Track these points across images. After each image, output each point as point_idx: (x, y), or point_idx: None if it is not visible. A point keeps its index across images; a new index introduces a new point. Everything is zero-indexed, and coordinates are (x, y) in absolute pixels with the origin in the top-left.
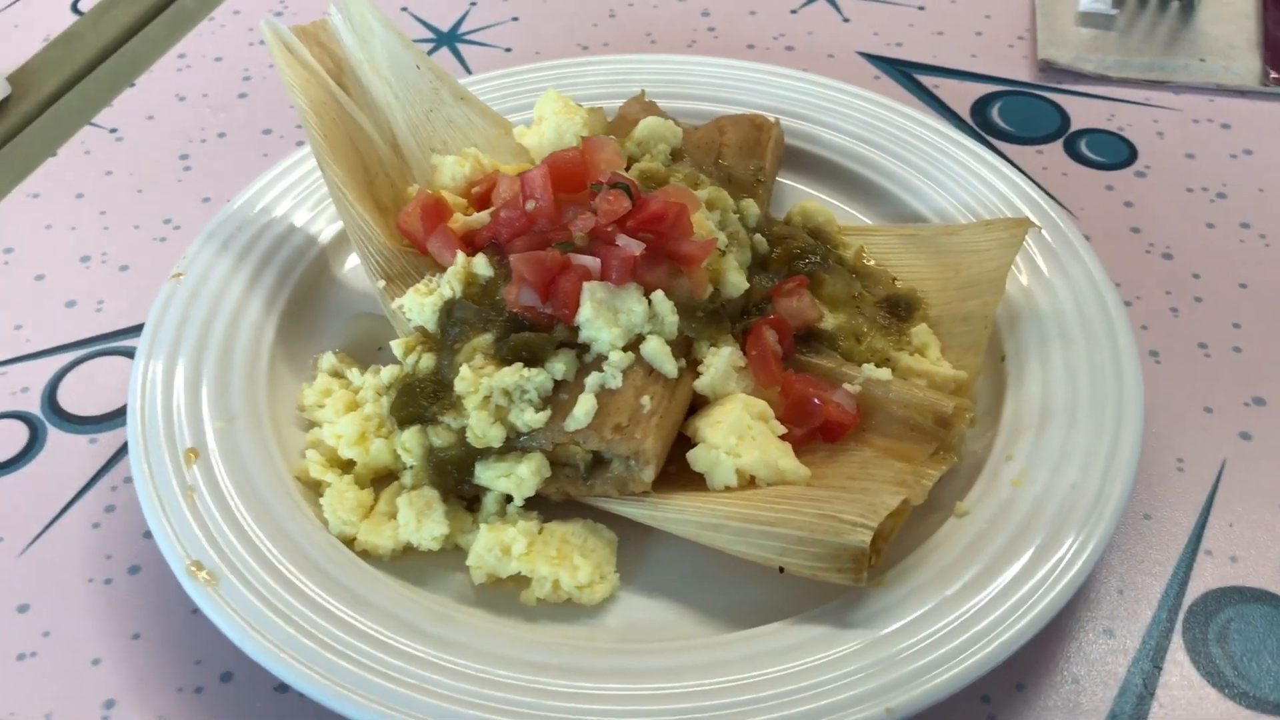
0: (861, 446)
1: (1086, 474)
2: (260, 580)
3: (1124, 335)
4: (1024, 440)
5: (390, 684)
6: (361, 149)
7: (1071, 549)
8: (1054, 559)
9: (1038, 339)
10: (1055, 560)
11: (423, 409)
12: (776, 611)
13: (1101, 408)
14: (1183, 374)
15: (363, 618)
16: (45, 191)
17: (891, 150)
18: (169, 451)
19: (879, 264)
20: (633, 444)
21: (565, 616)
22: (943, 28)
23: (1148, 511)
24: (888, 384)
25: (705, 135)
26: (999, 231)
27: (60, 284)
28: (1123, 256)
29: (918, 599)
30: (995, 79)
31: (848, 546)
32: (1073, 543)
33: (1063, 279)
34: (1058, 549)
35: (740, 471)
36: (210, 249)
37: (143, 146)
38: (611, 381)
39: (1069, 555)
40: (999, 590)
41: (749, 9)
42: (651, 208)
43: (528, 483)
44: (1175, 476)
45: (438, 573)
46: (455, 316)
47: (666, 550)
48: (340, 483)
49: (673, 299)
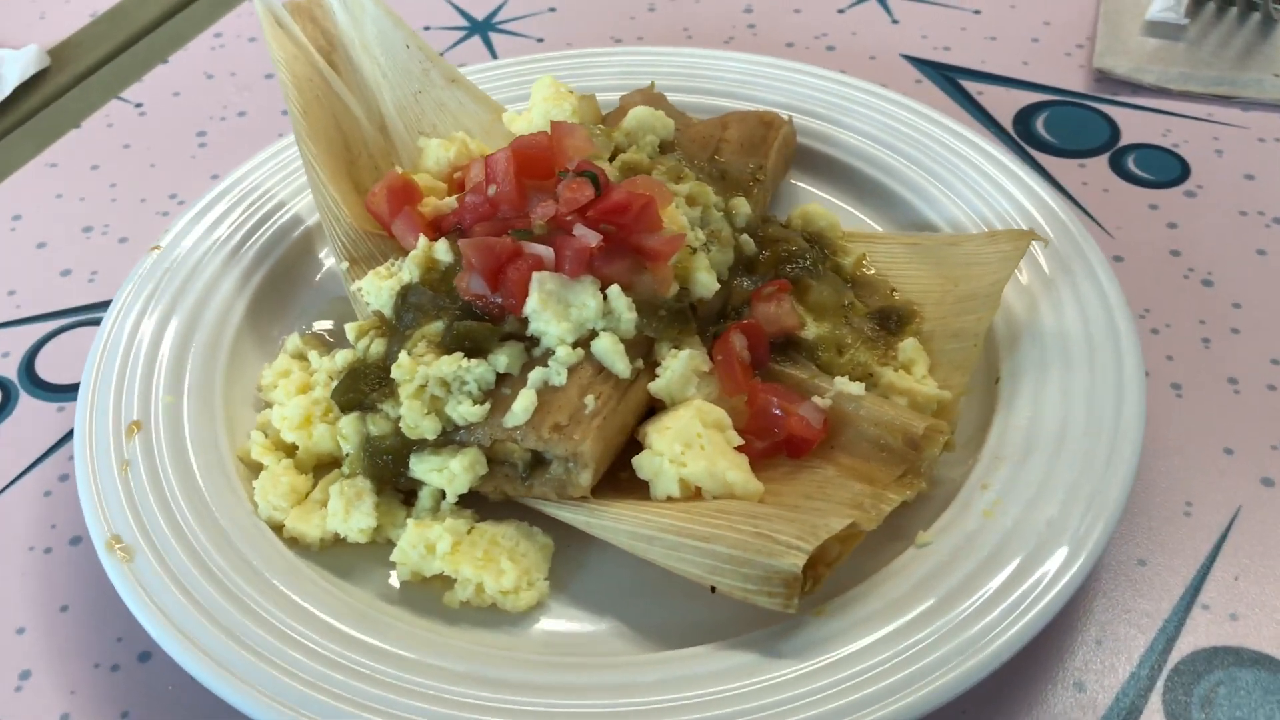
0: (826, 465)
1: (1066, 510)
2: (176, 560)
3: (1131, 363)
4: (1003, 469)
5: (289, 680)
6: (345, 128)
7: (1038, 589)
8: (1013, 597)
9: (1037, 361)
10: (1015, 599)
11: (364, 395)
12: (707, 634)
13: (1094, 440)
14: (1206, 410)
15: (274, 609)
16: (63, 162)
17: (910, 155)
18: (114, 422)
19: (879, 273)
20: (570, 445)
21: (487, 622)
22: (997, 33)
23: (1143, 557)
24: (860, 399)
25: (705, 130)
26: (1003, 244)
27: (59, 253)
28: (1157, 280)
29: (858, 632)
30: (1044, 88)
31: (779, 569)
32: (1040, 582)
33: (1073, 299)
34: (1019, 586)
35: (685, 482)
36: (195, 224)
37: (164, 122)
38: (555, 378)
39: (1033, 596)
40: (949, 628)
41: (794, 7)
42: (614, 198)
43: (460, 479)
44: (1180, 521)
45: (365, 567)
46: (410, 302)
47: (605, 561)
48: (277, 467)
49: (633, 296)
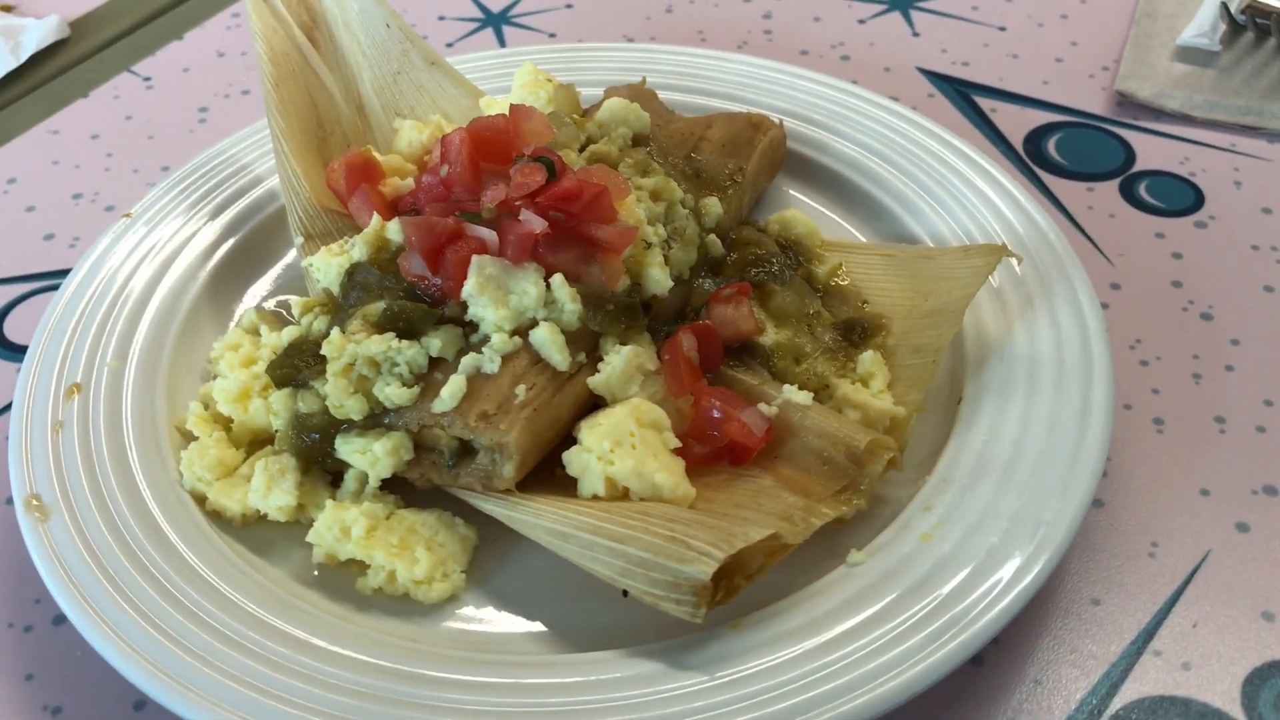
0: (765, 474)
1: (1009, 539)
2: (92, 525)
3: (1100, 391)
4: (950, 492)
5: (188, 657)
6: (319, 105)
7: (965, 619)
8: (936, 625)
9: (1002, 383)
10: (939, 627)
11: (298, 371)
12: (621, 640)
13: (1047, 467)
14: (1186, 448)
15: (182, 582)
16: (65, 129)
17: (902, 167)
18: (56, 384)
19: (854, 284)
20: (496, 435)
21: (398, 612)
22: (1020, 51)
23: (1098, 596)
24: (807, 410)
25: (686, 127)
26: (976, 259)
27: (46, 217)
28: (1154, 311)
29: (769, 649)
30: (1061, 108)
31: (689, 576)
32: (968, 613)
33: (1050, 322)
34: (945, 614)
35: (611, 481)
36: (170, 193)
37: (169, 97)
38: (488, 365)
39: (959, 626)
40: (865, 652)
41: (814, 15)
42: (564, 184)
43: (383, 462)
44: (1142, 561)
45: (285, 546)
46: (356, 280)
47: (529, 559)
48: (209, 439)
49: (579, 287)
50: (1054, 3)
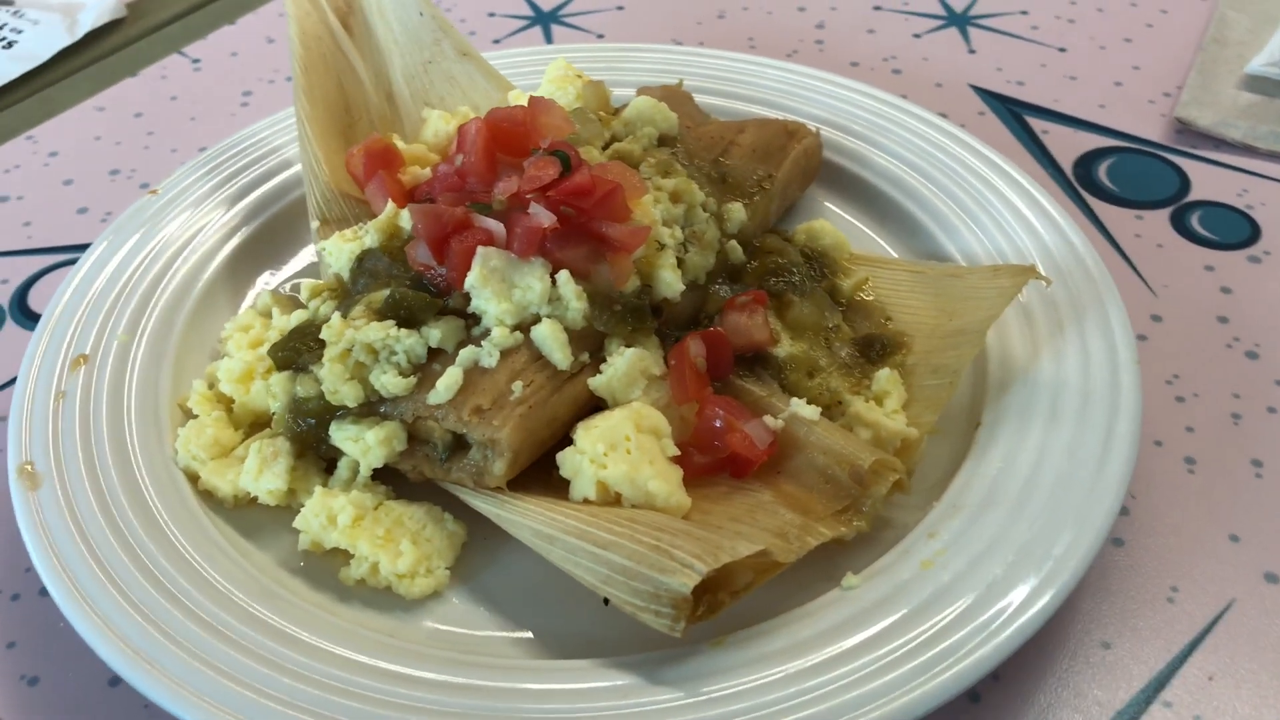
0: (765, 489)
1: (1014, 572)
2: (81, 496)
3: (1125, 424)
4: (957, 520)
5: (160, 636)
6: (348, 90)
7: (959, 653)
8: (927, 656)
9: (1022, 409)
10: (929, 659)
11: (299, 354)
12: (600, 650)
13: (1062, 500)
14: (1218, 490)
15: (164, 560)
16: (110, 107)
17: (939, 183)
18: (64, 354)
19: (878, 299)
20: (488, 430)
21: (380, 605)
22: (1079, 73)
23: (1109, 639)
24: (814, 425)
25: (717, 130)
26: (1004, 279)
27: (82, 192)
28: (1196, 346)
29: (749, 670)
30: (1116, 133)
31: (669, 587)
32: (962, 646)
33: (1079, 349)
34: (937, 646)
35: (603, 485)
36: (198, 171)
37: (215, 79)
38: (486, 359)
39: (955, 659)
40: (854, 677)
41: (869, 27)
42: (576, 180)
43: (375, 451)
44: (1160, 606)
45: (274, 531)
46: (365, 267)
47: (517, 558)
48: (208, 418)
49: (587, 285)
50: (1119, 26)
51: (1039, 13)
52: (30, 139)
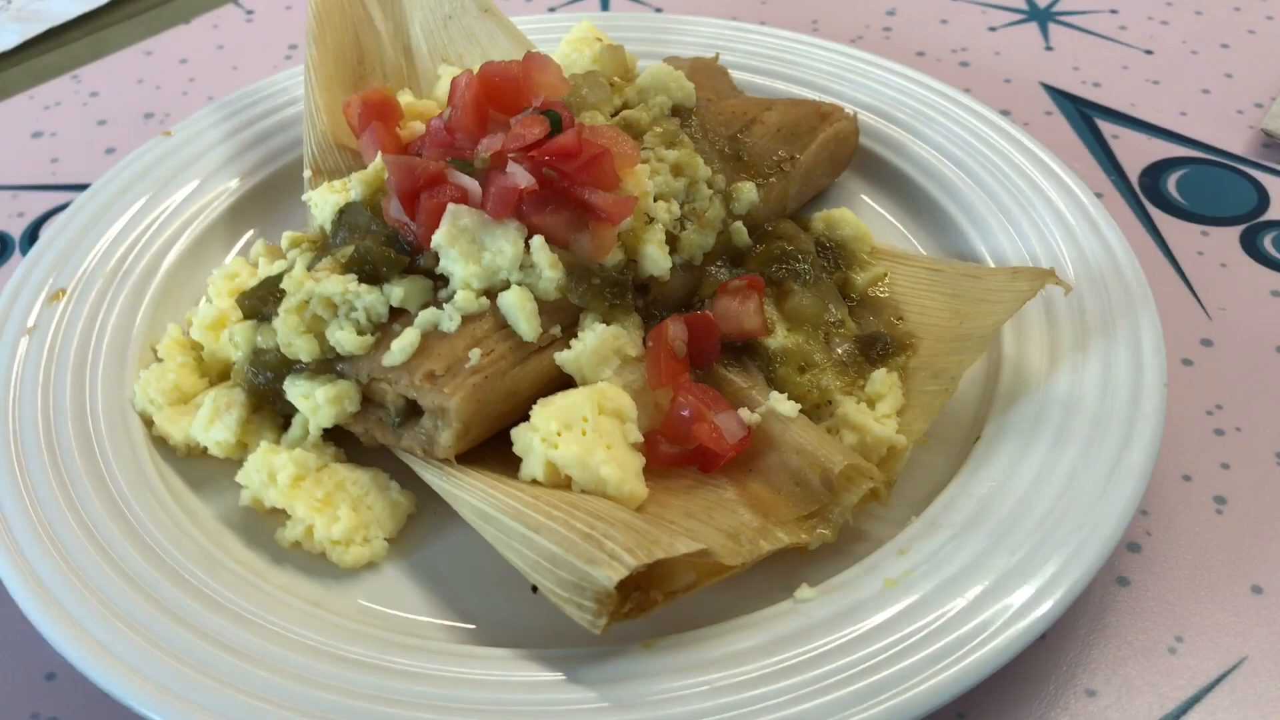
0: (730, 486)
1: (984, 601)
2: (30, 434)
3: (1139, 454)
4: (934, 539)
5: (71, 576)
6: (364, 42)
7: (910, 683)
8: (870, 681)
9: (1028, 426)
10: (872, 685)
11: (264, 303)
12: (532, 639)
13: (1053, 529)
14: (1247, 535)
15: (96, 503)
16: (158, 52)
17: (980, 179)
18: (45, 286)
19: (893, 296)
20: (438, 398)
21: (312, 570)
22: (1163, 77)
23: (1094, 687)
24: (789, 422)
25: (741, 106)
26: (1022, 282)
27: (114, 132)
28: (1246, 377)
29: (673, 677)
30: (1194, 142)
31: (593, 579)
32: (914, 674)
33: (1101, 366)
34: (884, 671)
35: (552, 466)
36: (213, 116)
37: (264, 31)
38: (446, 323)
39: (900, 689)
40: (784, 698)
41: (942, 16)
42: (560, 141)
43: (324, 410)
44: (1159, 656)
45: (221, 484)
46: (346, 220)
47: (464, 536)
48: (173, 363)
49: (564, 254)
50: (1217, 30)
51: (1130, 12)
52: (75, 78)
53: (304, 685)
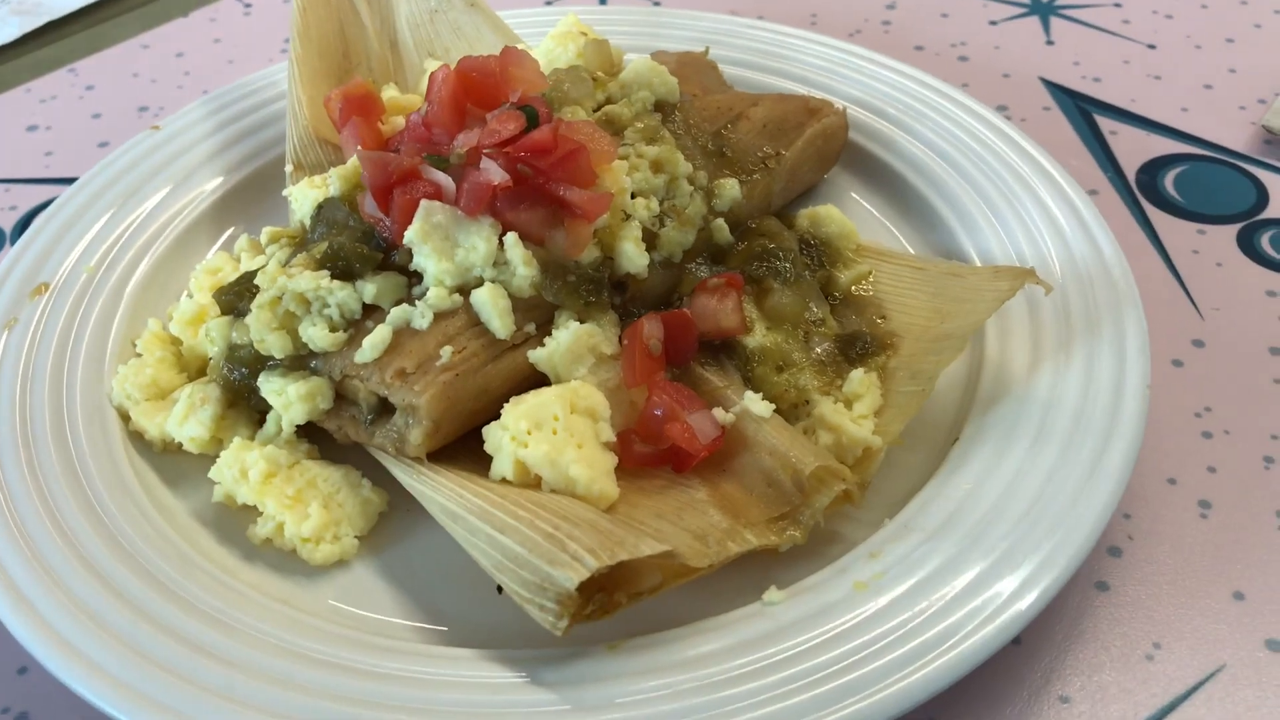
0: (702, 486)
1: (955, 605)
2: (5, 429)
3: (1119, 455)
4: (905, 542)
5: (40, 572)
6: (349, 36)
7: (876, 688)
8: (835, 685)
9: (1007, 427)
10: (836, 689)
11: (240, 298)
12: (501, 640)
13: (1028, 533)
14: (1232, 541)
15: (70, 500)
16: (155, 45)
17: (969, 175)
18: (29, 280)
19: (876, 295)
20: (408, 395)
21: (282, 567)
22: (1165, 73)
23: (1069, 693)
24: (762, 423)
25: (727, 101)
26: (1004, 281)
27: (108, 125)
28: (1237, 378)
29: (638, 679)
30: (1194, 139)
31: (554, 580)
32: (880, 679)
33: (1084, 367)
34: (848, 675)
35: (521, 465)
36: (203, 110)
37: (261, 25)
38: (418, 320)
39: (865, 694)
40: (749, 700)
41: (942, 10)
42: (535, 137)
43: (296, 407)
44: (1136, 663)
45: (196, 480)
46: (324, 215)
47: (435, 535)
48: (152, 356)
49: (538, 251)
50: (1222, 24)
51: (1134, 6)
52: (72, 71)
53: (271, 685)
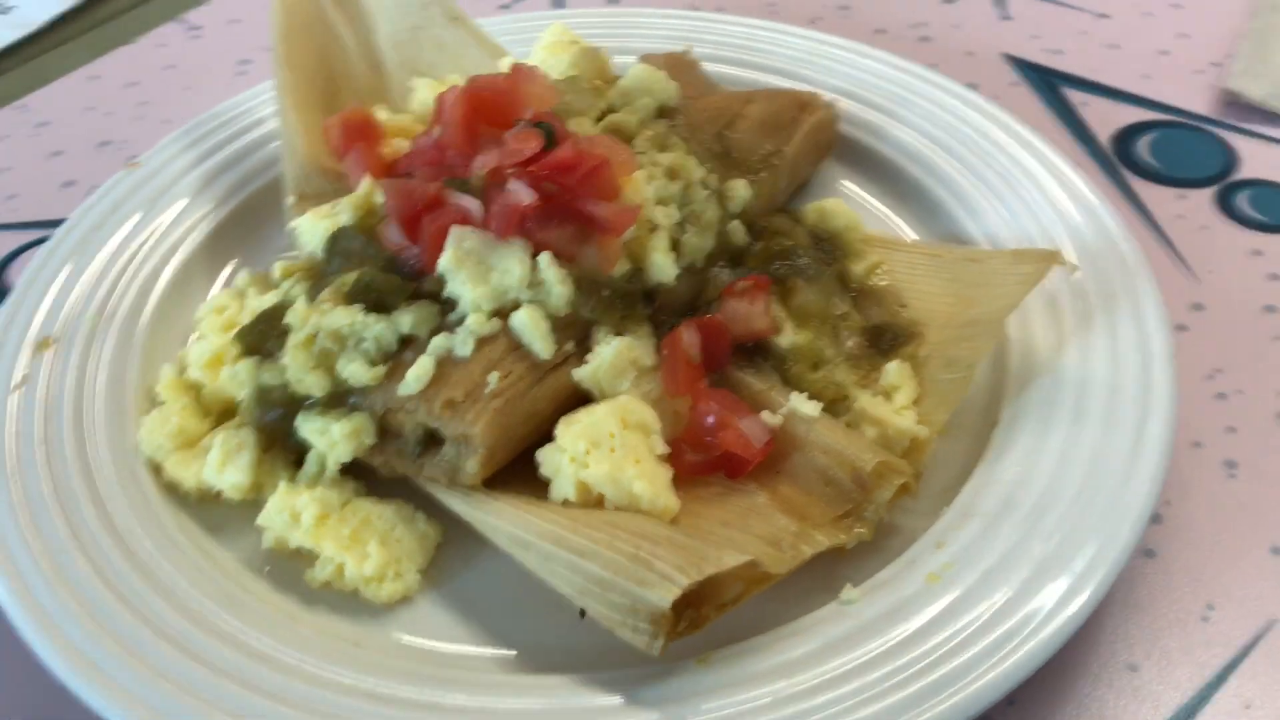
0: (760, 491)
1: (1029, 588)
2: (36, 491)
3: (1158, 425)
4: (968, 529)
5: (109, 640)
6: (331, 60)
7: (966, 679)
8: (931, 680)
9: (1044, 408)
10: (933, 684)
11: (265, 339)
12: (582, 662)
13: (1086, 509)
14: (1261, 497)
15: (119, 560)
16: (105, 75)
17: (964, 158)
18: (30, 336)
19: (892, 285)
20: (461, 425)
21: (346, 610)
22: (1121, 41)
23: (1136, 662)
24: (813, 422)
25: (723, 102)
26: (1026, 265)
27: (70, 164)
28: (1241, 338)
29: (737, 690)
30: (1160, 105)
31: (646, 601)
32: (973, 669)
33: (1108, 342)
34: (943, 668)
35: (584, 485)
36: (181, 143)
37: (214, 48)
38: (460, 348)
39: (961, 685)
40: (848, 703)
41: None
42: (559, 155)
43: (341, 446)
44: (1194, 625)
45: (239, 528)
46: (339, 246)
47: (496, 563)
48: (175, 405)
49: (571, 269)
50: None
51: None
52: (22, 109)
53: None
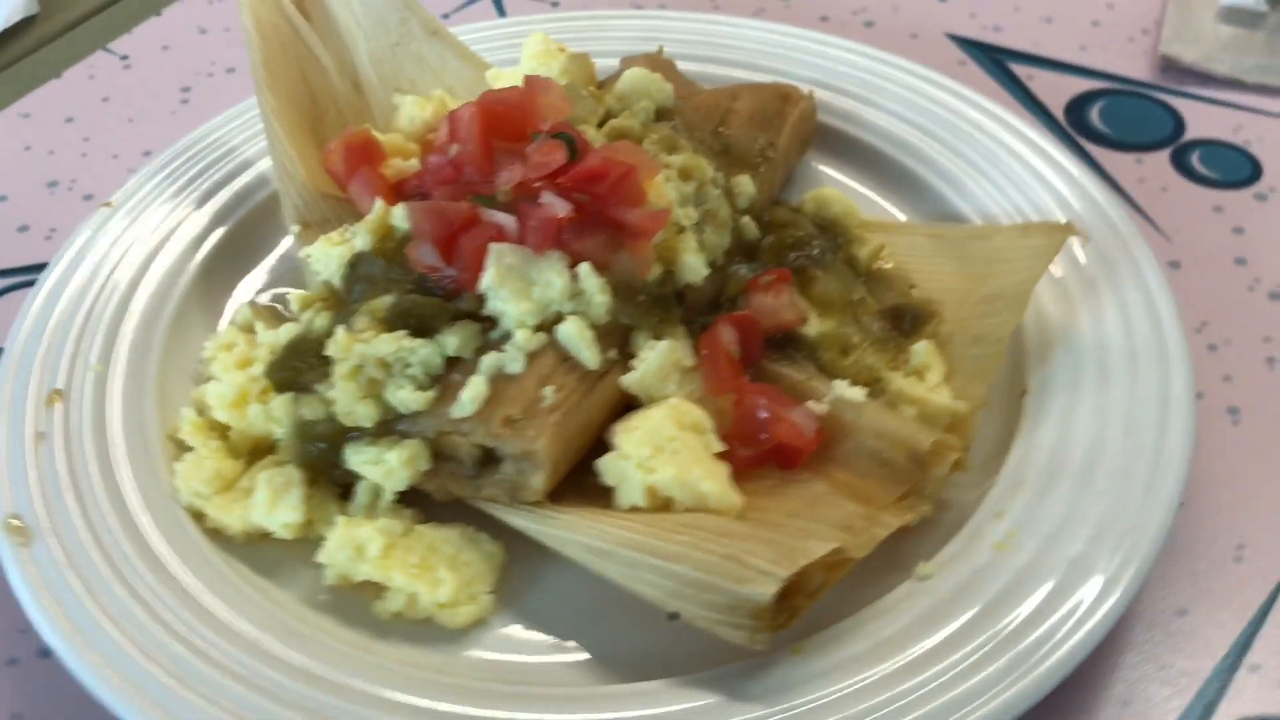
0: (817, 479)
1: (1094, 547)
2: (78, 548)
3: (1180, 381)
4: (1022, 496)
5: (182, 689)
6: (312, 81)
7: (1055, 637)
8: (1024, 644)
9: (1070, 374)
10: (1027, 647)
11: (300, 373)
12: (667, 667)
13: (1130, 467)
14: (1266, 440)
15: (182, 609)
16: (37, 112)
17: (943, 139)
18: (36, 390)
19: (898, 267)
20: (523, 442)
21: (422, 639)
22: (1053, 14)
23: (1184, 606)
24: (861, 407)
25: (712, 99)
26: (1036, 238)
27: (20, 207)
28: (1218, 291)
29: (838, 675)
30: (1103, 74)
31: (748, 597)
32: (1058, 629)
33: (1117, 305)
34: (1032, 632)
35: (652, 490)
36: (153, 180)
37: (148, 77)
38: (511, 365)
39: (1049, 645)
40: (947, 677)
41: None
42: (589, 164)
43: (398, 474)
44: (1229, 566)
45: (292, 566)
46: (360, 273)
47: (562, 576)
48: (205, 449)
49: (608, 277)
50: None
51: None
52: None
53: None
